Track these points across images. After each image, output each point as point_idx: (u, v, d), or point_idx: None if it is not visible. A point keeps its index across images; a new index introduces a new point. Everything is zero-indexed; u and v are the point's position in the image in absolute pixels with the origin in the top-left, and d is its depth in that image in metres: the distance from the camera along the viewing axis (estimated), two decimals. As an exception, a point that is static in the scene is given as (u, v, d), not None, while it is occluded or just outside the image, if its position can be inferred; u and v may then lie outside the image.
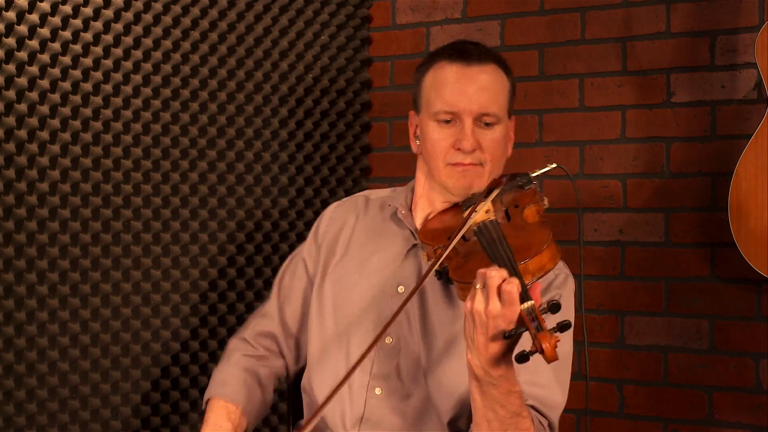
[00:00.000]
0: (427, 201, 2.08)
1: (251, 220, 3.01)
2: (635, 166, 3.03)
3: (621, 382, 3.04)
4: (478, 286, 1.67)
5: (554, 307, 1.64)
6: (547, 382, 1.91)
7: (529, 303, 1.64)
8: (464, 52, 2.00)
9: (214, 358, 2.86)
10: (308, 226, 2.82)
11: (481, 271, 1.68)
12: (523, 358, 1.61)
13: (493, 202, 1.93)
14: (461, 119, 1.97)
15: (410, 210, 2.10)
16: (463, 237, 1.87)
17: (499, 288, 1.65)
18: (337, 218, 2.19)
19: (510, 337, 1.65)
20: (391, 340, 2.01)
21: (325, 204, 3.23)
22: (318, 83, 3.22)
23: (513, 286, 1.64)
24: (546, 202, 1.96)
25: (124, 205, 2.69)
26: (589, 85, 3.09)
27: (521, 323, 1.65)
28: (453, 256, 1.88)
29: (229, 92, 2.95)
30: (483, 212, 1.89)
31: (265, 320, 2.21)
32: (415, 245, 2.05)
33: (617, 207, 3.05)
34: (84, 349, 2.60)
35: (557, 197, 3.12)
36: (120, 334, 2.68)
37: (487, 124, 1.98)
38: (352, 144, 3.35)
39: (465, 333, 1.72)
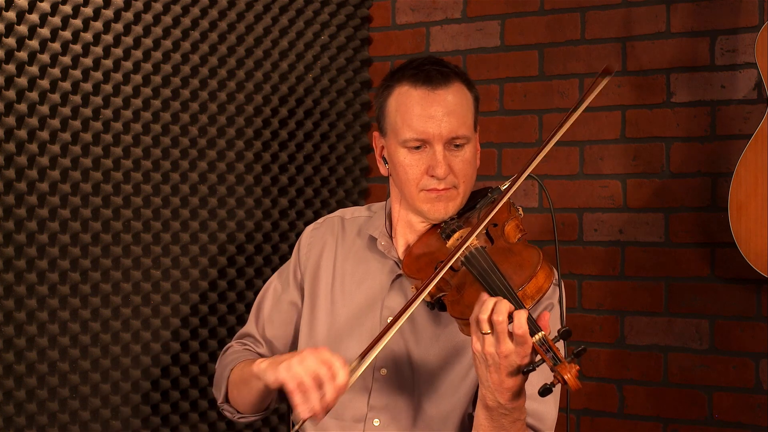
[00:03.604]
0: (405, 224, 2.07)
1: (251, 220, 3.01)
2: (635, 166, 3.03)
3: (621, 382, 3.04)
4: (485, 332, 1.68)
5: (565, 334, 1.64)
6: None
7: (541, 334, 1.65)
8: (428, 77, 1.96)
9: (214, 358, 2.86)
10: (308, 225, 2.82)
11: (484, 317, 1.69)
12: (546, 391, 1.63)
13: (471, 223, 1.92)
14: (431, 145, 1.95)
15: (390, 237, 2.09)
16: (451, 267, 1.86)
17: (509, 327, 1.66)
18: (316, 243, 2.17)
19: (529, 372, 1.67)
20: (385, 371, 2.01)
21: (325, 204, 3.24)
22: (318, 83, 3.22)
23: (523, 326, 1.65)
24: (521, 211, 1.96)
25: (124, 205, 2.69)
26: (590, 85, 3.08)
27: (536, 355, 1.66)
28: (445, 288, 1.87)
29: (229, 92, 2.95)
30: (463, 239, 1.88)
31: (249, 339, 2.23)
32: (400, 275, 2.04)
33: (617, 207, 3.05)
34: (84, 349, 2.60)
35: (556, 197, 3.13)
36: (120, 334, 2.68)
37: (457, 146, 1.96)
38: (352, 144, 3.34)
39: (477, 372, 1.74)
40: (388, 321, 2.01)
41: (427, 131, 1.94)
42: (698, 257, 2.93)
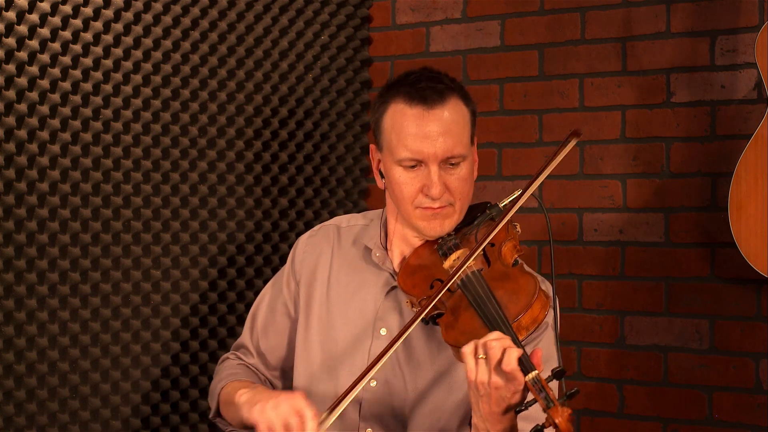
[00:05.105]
0: (401, 238, 2.06)
1: (251, 220, 3.01)
2: (635, 166, 3.03)
3: (621, 382, 3.04)
4: (480, 356, 1.68)
5: (559, 374, 1.64)
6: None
7: (534, 373, 1.65)
8: (423, 95, 1.93)
9: (214, 358, 2.86)
10: (308, 226, 2.82)
11: (481, 341, 1.69)
12: None
13: (469, 241, 1.93)
14: (427, 165, 1.93)
15: (385, 249, 2.08)
16: (447, 288, 1.86)
17: (499, 362, 1.66)
18: (311, 251, 2.16)
19: (521, 412, 1.67)
20: (375, 383, 2.00)
21: (325, 204, 3.24)
22: (318, 83, 3.22)
23: (514, 363, 1.65)
24: (519, 229, 1.96)
25: (124, 205, 2.69)
26: (589, 85, 3.09)
27: (529, 394, 1.66)
28: (440, 307, 1.88)
29: (229, 92, 2.95)
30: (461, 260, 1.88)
31: (243, 351, 2.22)
32: (394, 287, 2.03)
33: (617, 207, 3.05)
34: (84, 349, 2.60)
35: (556, 197, 3.13)
36: (120, 334, 2.68)
37: (453, 164, 1.95)
38: (352, 144, 3.34)
39: (470, 399, 1.74)
40: (382, 333, 2.02)
41: (422, 151, 1.92)
42: (698, 257, 2.93)
